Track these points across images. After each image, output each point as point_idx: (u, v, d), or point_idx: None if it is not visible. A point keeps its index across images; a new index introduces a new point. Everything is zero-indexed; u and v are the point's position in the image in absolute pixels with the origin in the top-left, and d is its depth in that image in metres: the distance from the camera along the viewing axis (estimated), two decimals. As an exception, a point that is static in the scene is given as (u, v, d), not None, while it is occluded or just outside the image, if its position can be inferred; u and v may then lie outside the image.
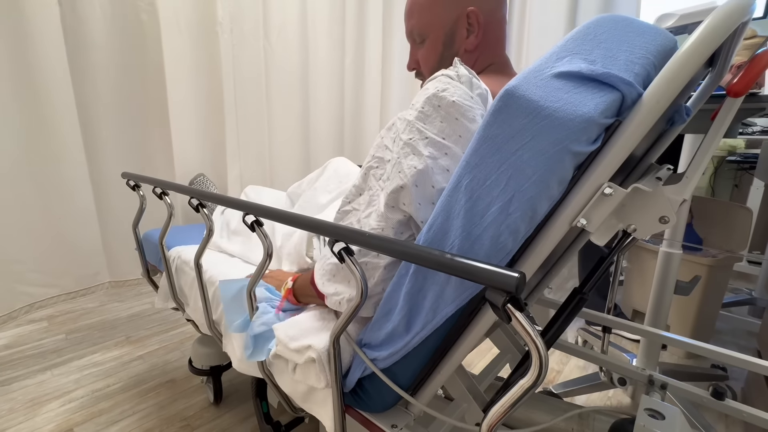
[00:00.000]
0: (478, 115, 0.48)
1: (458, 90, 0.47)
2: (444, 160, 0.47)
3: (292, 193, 1.17)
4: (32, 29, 1.41)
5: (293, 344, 0.59)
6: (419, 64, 0.68)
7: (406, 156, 0.48)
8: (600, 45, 0.40)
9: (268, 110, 2.07)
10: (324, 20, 2.18)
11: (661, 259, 1.07)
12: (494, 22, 0.62)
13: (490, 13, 0.61)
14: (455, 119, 0.47)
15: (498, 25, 0.63)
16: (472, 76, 0.50)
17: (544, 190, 0.39)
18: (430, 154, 0.47)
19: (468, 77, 0.49)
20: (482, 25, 0.61)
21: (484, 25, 0.61)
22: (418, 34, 0.65)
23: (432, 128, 0.48)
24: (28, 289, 1.58)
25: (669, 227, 0.43)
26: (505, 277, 0.33)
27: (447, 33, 0.63)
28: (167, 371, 1.24)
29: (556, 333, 0.56)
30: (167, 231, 0.93)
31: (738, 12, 0.33)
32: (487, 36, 0.62)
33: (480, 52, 0.63)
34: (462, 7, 0.61)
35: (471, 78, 0.50)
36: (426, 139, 0.47)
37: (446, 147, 0.47)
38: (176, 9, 1.69)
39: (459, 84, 0.48)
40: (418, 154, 0.47)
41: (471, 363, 1.34)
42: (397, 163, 0.49)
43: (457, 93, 0.47)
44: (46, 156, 1.52)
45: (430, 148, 0.47)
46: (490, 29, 0.62)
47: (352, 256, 0.48)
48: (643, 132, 0.35)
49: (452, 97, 0.47)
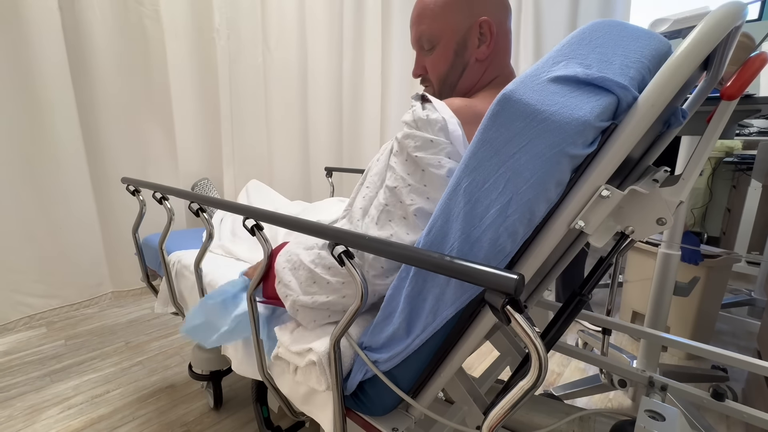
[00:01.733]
0: (443, 157, 0.51)
1: (418, 140, 0.51)
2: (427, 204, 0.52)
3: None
4: (33, 35, 1.41)
5: (294, 347, 0.59)
6: (426, 70, 0.68)
7: (394, 207, 0.53)
8: (595, 49, 0.41)
9: (267, 115, 2.08)
10: (322, 25, 2.20)
11: (659, 260, 1.07)
12: (503, 33, 0.63)
13: (500, 24, 0.62)
14: (422, 171, 0.51)
15: (506, 37, 0.64)
16: (429, 111, 0.52)
17: (542, 192, 0.39)
18: (412, 201, 0.52)
19: (424, 120, 0.51)
20: (494, 35, 0.61)
21: (495, 35, 0.61)
22: (427, 41, 0.64)
23: (412, 179, 0.52)
24: (29, 300, 1.55)
25: (666, 228, 0.43)
26: (504, 279, 0.33)
27: (459, 41, 0.62)
28: (167, 376, 1.24)
29: (556, 335, 0.56)
30: (167, 235, 0.93)
31: (730, 16, 0.34)
32: (498, 46, 0.63)
33: (490, 62, 0.63)
34: (475, 15, 0.60)
35: (427, 117, 0.51)
36: (408, 186, 0.52)
37: (427, 191, 0.52)
38: (174, 15, 1.70)
39: (417, 133, 0.51)
40: (402, 206, 0.52)
41: (471, 366, 1.34)
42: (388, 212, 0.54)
43: (417, 145, 0.51)
44: (47, 163, 1.52)
45: (413, 194, 0.52)
46: (500, 40, 0.63)
47: (352, 259, 0.48)
48: (639, 135, 0.36)
49: (415, 153, 0.51)
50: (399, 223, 0.52)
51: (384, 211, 0.53)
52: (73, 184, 1.58)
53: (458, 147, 0.51)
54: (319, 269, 0.57)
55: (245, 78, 1.95)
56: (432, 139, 0.51)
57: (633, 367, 0.83)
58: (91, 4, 1.52)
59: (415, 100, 0.55)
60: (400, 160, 0.53)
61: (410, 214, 0.52)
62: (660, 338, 0.87)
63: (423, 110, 0.52)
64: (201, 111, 1.86)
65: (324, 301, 0.58)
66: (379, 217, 0.54)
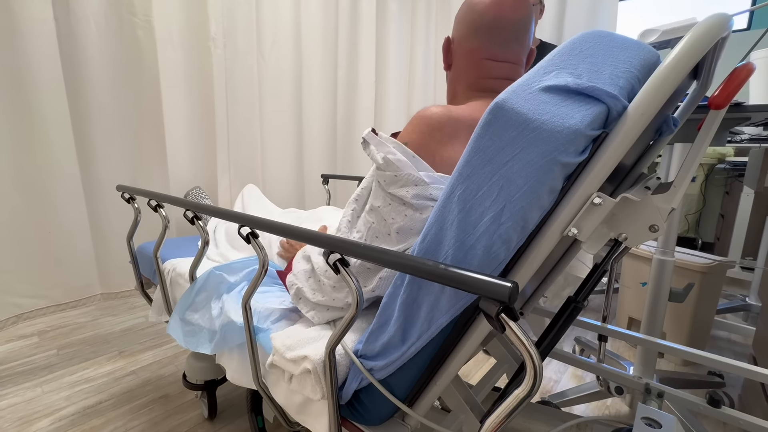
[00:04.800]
0: (409, 187, 0.53)
1: (386, 178, 0.55)
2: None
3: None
4: (28, 44, 1.42)
5: (289, 354, 0.59)
6: None
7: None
8: (585, 60, 0.42)
9: (261, 123, 2.09)
10: (317, 33, 2.22)
11: (654, 266, 1.08)
12: (464, 51, 0.64)
13: (459, 41, 0.65)
14: (404, 216, 0.54)
15: (468, 55, 0.64)
16: (380, 152, 0.55)
17: (535, 200, 0.39)
18: (393, 220, 0.56)
19: (383, 164, 0.54)
20: (451, 52, 0.66)
21: (453, 51, 0.66)
22: None
23: (391, 199, 0.56)
24: (17, 300, 1.56)
25: (660, 235, 0.44)
26: (498, 287, 0.33)
27: (445, 54, 0.68)
28: (160, 386, 1.22)
29: (552, 342, 0.56)
30: (162, 243, 0.93)
31: (716, 28, 0.34)
32: (457, 63, 0.66)
33: (454, 76, 0.68)
34: (451, 32, 0.67)
35: (387, 160, 0.54)
36: (389, 206, 0.56)
37: (405, 210, 0.55)
38: (170, 24, 1.71)
39: (383, 173, 0.55)
40: (385, 224, 0.57)
41: (468, 373, 1.33)
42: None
43: (386, 182, 0.55)
44: (39, 167, 1.52)
45: (393, 213, 0.55)
46: (459, 57, 0.65)
47: (347, 267, 0.48)
48: (630, 143, 0.36)
49: (387, 189, 0.55)
50: (384, 239, 0.56)
51: (371, 229, 0.58)
52: (64, 190, 1.58)
53: (410, 170, 0.54)
54: (320, 271, 0.64)
55: (240, 86, 1.96)
56: (395, 174, 0.54)
57: (629, 374, 0.83)
58: (86, 15, 1.53)
59: (369, 141, 0.58)
60: (380, 187, 0.58)
61: (393, 231, 0.55)
62: (656, 345, 0.88)
63: (377, 153, 0.56)
64: (195, 119, 1.86)
65: (321, 300, 0.64)
66: (367, 234, 0.58)
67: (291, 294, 0.69)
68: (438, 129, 0.57)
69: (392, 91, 2.59)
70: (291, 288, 0.68)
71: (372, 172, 0.63)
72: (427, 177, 0.53)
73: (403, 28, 2.55)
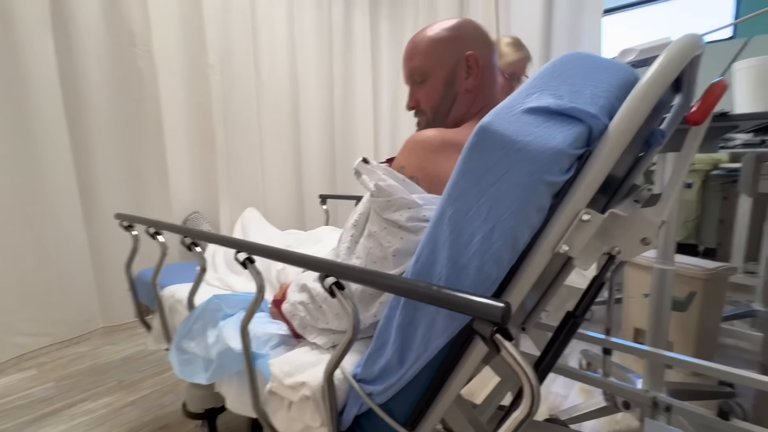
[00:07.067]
0: (403, 210, 0.54)
1: (379, 204, 0.55)
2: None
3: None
4: (29, 76, 1.44)
5: (288, 380, 0.58)
6: (419, 103, 0.73)
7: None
8: (566, 81, 0.43)
9: (260, 147, 2.12)
10: (313, 56, 2.27)
11: (655, 276, 1.07)
12: (488, 66, 0.69)
13: (485, 58, 0.68)
14: (400, 238, 0.55)
15: (490, 70, 0.69)
16: (372, 179, 0.56)
17: (524, 219, 0.40)
18: (389, 243, 0.56)
19: (376, 191, 0.55)
20: (480, 68, 0.67)
21: (481, 67, 0.67)
22: (419, 75, 0.70)
23: (386, 224, 0.56)
24: (19, 340, 1.52)
25: (653, 248, 0.44)
26: (491, 308, 0.33)
27: (448, 74, 0.68)
28: (160, 416, 1.20)
29: (552, 359, 0.55)
30: (160, 270, 0.93)
31: (689, 47, 0.36)
32: (484, 78, 0.68)
33: (477, 93, 0.69)
34: (462, 50, 0.67)
35: (379, 187, 0.55)
36: (384, 230, 0.57)
37: (400, 233, 0.55)
38: (169, 53, 1.76)
39: (376, 200, 0.56)
40: (382, 248, 0.57)
41: (474, 392, 1.31)
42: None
43: (380, 208, 0.55)
44: (41, 200, 1.52)
45: (389, 236, 0.56)
46: (486, 72, 0.68)
47: (343, 290, 0.48)
48: (614, 160, 0.37)
49: (382, 214, 0.56)
50: (381, 264, 0.57)
51: (370, 254, 0.58)
52: (65, 221, 1.58)
53: (402, 193, 0.55)
54: (320, 299, 0.63)
55: (239, 110, 1.99)
56: (388, 200, 0.55)
57: (635, 387, 0.81)
58: (87, 50, 1.57)
59: (360, 170, 0.59)
60: (375, 213, 0.58)
61: (389, 254, 0.55)
62: (662, 357, 0.86)
63: (369, 181, 0.57)
64: (195, 145, 1.89)
65: (325, 326, 0.64)
66: (366, 259, 0.59)
67: (295, 324, 0.69)
68: (433, 151, 0.58)
69: (388, 107, 2.64)
70: (293, 319, 0.68)
71: (367, 199, 0.64)
72: (420, 199, 0.54)
73: (394, 46, 2.61)
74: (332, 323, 0.63)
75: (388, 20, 2.61)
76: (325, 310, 0.62)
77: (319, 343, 0.65)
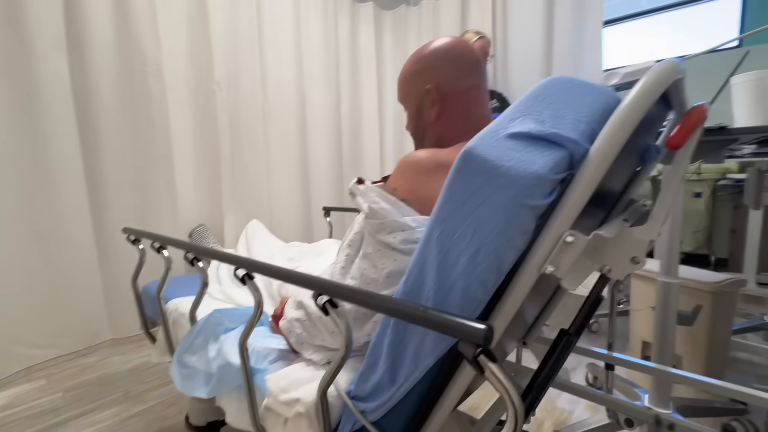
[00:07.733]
0: (396, 232, 0.55)
1: (373, 226, 0.56)
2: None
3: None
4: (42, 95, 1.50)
5: (283, 396, 0.59)
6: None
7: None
8: (549, 106, 0.44)
9: (267, 161, 2.15)
10: (320, 70, 2.32)
11: (659, 289, 1.06)
12: (458, 92, 0.68)
13: (450, 84, 0.67)
14: (394, 260, 0.55)
15: (463, 95, 0.68)
16: (366, 202, 0.57)
17: (507, 241, 0.41)
18: (383, 265, 0.57)
19: (369, 213, 0.56)
20: (442, 98, 0.68)
21: (445, 97, 0.68)
22: (402, 103, 0.76)
23: (380, 246, 0.57)
24: (29, 351, 1.54)
25: (641, 267, 0.44)
26: (473, 330, 0.34)
27: (416, 107, 0.71)
28: (164, 428, 1.21)
29: (547, 378, 0.55)
30: (165, 284, 0.95)
31: (668, 72, 0.36)
32: (450, 107, 0.68)
33: (444, 123, 0.69)
34: (425, 84, 0.68)
35: (372, 209, 0.56)
36: (379, 251, 0.57)
37: (393, 254, 0.56)
38: (178, 71, 1.81)
39: (370, 221, 0.57)
40: (376, 270, 0.58)
41: (477, 406, 1.29)
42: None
43: (374, 230, 0.56)
44: (52, 214, 1.56)
45: (383, 258, 0.57)
46: (453, 100, 0.68)
47: (336, 308, 0.49)
48: (595, 183, 0.38)
49: (375, 236, 0.56)
50: (374, 285, 0.57)
51: (363, 275, 0.59)
52: (76, 234, 1.61)
53: (395, 216, 0.56)
54: (315, 317, 0.64)
55: (245, 125, 2.04)
56: (381, 222, 0.56)
57: (638, 404, 0.80)
58: (100, 70, 1.62)
59: (354, 192, 0.61)
60: (369, 234, 0.59)
61: (383, 276, 0.56)
62: (666, 374, 0.84)
63: (363, 203, 0.58)
64: (202, 159, 1.93)
65: (321, 342, 0.65)
66: (360, 280, 0.60)
67: (292, 341, 0.70)
68: (425, 174, 0.59)
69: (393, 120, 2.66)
70: (290, 335, 0.69)
71: (361, 218, 0.65)
72: (413, 221, 0.55)
73: (398, 60, 2.65)
74: (327, 340, 0.63)
75: (391, 34, 2.66)
76: (320, 327, 0.63)
77: (315, 360, 0.65)
